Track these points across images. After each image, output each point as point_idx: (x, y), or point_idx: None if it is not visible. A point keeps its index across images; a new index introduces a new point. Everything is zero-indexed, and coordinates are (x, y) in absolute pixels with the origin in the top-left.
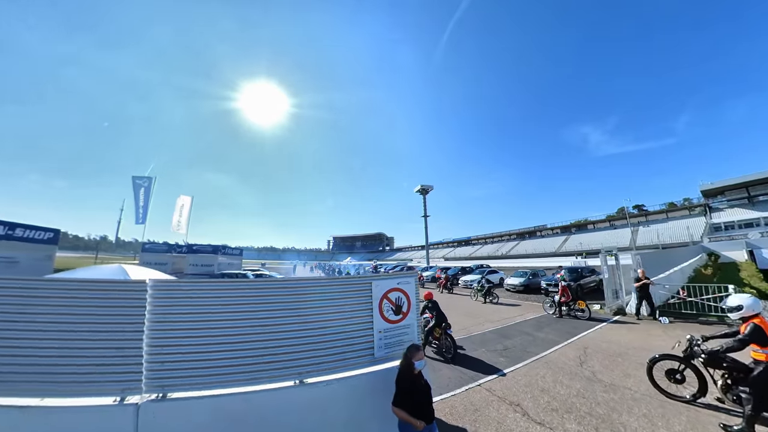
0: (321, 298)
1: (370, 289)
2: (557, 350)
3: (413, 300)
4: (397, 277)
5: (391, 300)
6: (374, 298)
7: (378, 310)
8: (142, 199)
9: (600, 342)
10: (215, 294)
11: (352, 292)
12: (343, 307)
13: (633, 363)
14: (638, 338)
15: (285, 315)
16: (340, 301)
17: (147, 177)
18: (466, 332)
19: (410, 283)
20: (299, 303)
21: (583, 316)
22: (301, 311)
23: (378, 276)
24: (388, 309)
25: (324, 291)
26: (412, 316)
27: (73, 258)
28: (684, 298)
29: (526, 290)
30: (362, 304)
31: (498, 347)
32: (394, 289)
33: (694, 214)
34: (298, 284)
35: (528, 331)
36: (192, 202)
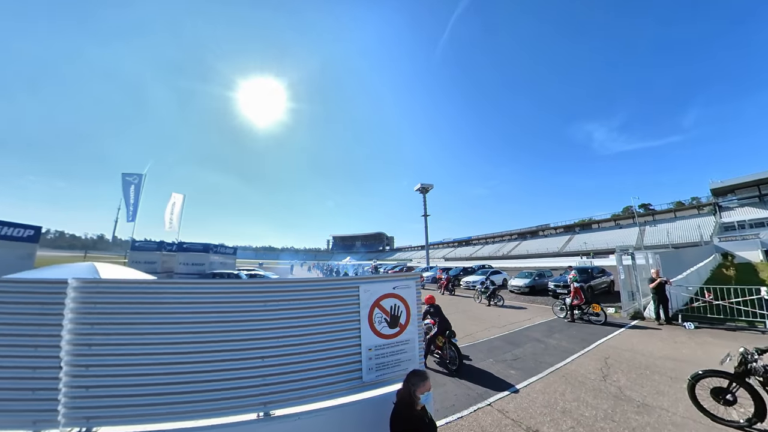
0: (293, 306)
1: (357, 295)
2: (574, 360)
3: (413, 308)
4: (392, 280)
5: (384, 309)
6: (362, 307)
7: (367, 322)
8: (132, 197)
9: (621, 351)
10: (158, 298)
11: (334, 298)
12: (321, 318)
13: (664, 377)
14: (663, 346)
15: (247, 328)
16: (317, 311)
17: (137, 174)
18: (471, 339)
19: (410, 287)
20: (266, 312)
21: (597, 320)
22: (268, 323)
23: (368, 278)
24: (381, 320)
25: (297, 297)
26: (412, 329)
27: (61, 256)
28: (710, 301)
29: (532, 292)
30: (346, 315)
31: (507, 357)
32: (388, 295)
33: (703, 213)
34: (264, 288)
35: (539, 338)
36: (184, 200)
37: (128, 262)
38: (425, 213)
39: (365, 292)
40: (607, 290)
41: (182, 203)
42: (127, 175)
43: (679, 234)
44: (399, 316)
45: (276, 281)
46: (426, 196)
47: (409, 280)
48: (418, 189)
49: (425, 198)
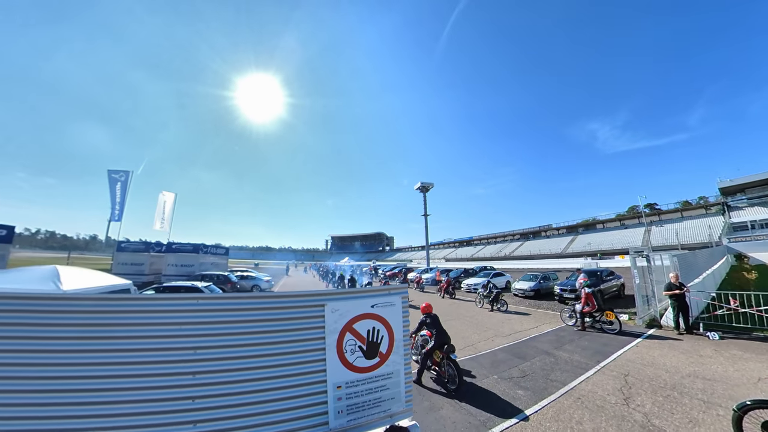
0: (233, 331)
1: (322, 316)
2: (590, 378)
3: (398, 333)
4: (370, 296)
5: (358, 334)
6: (329, 332)
7: (335, 352)
8: (118, 195)
9: (642, 366)
10: (27, 319)
11: (288, 321)
12: (269, 347)
13: (695, 400)
14: (688, 361)
15: (164, 359)
16: (265, 336)
17: (124, 171)
18: (473, 350)
19: (394, 305)
20: (192, 339)
21: (611, 329)
22: (195, 351)
23: (336, 294)
24: (354, 349)
25: (238, 319)
26: (397, 359)
27: (41, 258)
28: (736, 309)
29: (537, 296)
30: (306, 342)
31: (513, 373)
32: (365, 316)
33: (711, 213)
34: (190, 306)
35: (548, 350)
36: (176, 198)
37: (113, 264)
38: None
39: (333, 312)
40: (617, 294)
41: (173, 202)
42: (113, 172)
43: (687, 234)
44: (379, 342)
45: (213, 297)
46: (426, 195)
47: (393, 295)
48: (419, 188)
49: (425, 197)
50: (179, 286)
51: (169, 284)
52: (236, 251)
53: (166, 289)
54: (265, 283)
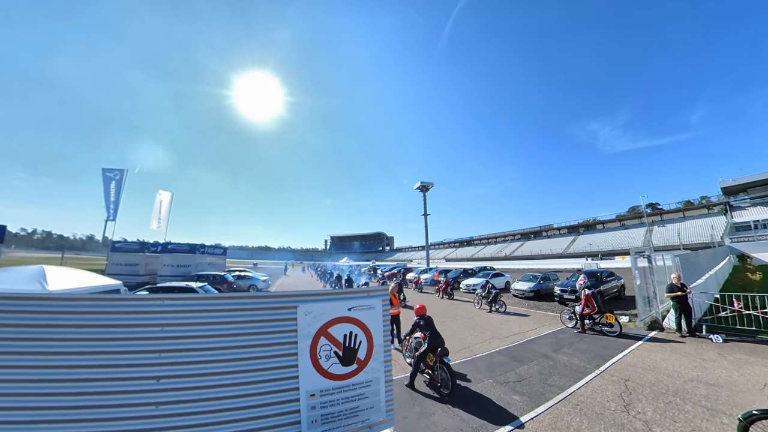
0: (197, 333)
1: (295, 319)
2: (589, 383)
3: (378, 337)
4: (347, 298)
5: (334, 339)
6: (301, 336)
7: (309, 357)
8: (113, 194)
9: (643, 371)
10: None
11: (257, 323)
12: (235, 351)
13: (698, 407)
14: (691, 365)
15: (126, 362)
16: (231, 340)
17: (118, 169)
18: (468, 353)
19: (373, 308)
20: (156, 341)
21: (611, 332)
22: (159, 355)
23: (310, 295)
24: (330, 355)
25: (203, 321)
26: (376, 366)
27: (36, 258)
28: (740, 311)
29: (537, 297)
30: (276, 346)
31: (510, 377)
32: (341, 319)
33: (714, 213)
34: (154, 307)
35: (546, 353)
36: (172, 198)
37: (108, 264)
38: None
39: (306, 314)
40: (618, 295)
41: (170, 201)
42: (108, 171)
43: (689, 234)
44: (356, 348)
45: (177, 298)
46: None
47: (372, 297)
48: (418, 187)
49: (425, 197)
50: (173, 286)
51: (163, 285)
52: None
53: (159, 289)
54: (261, 283)
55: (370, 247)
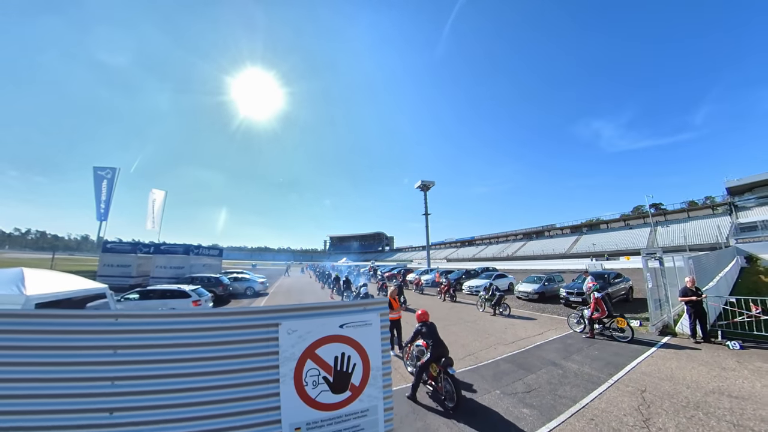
0: (157, 358)
1: (276, 339)
2: (603, 394)
3: (375, 358)
4: (339, 313)
5: (323, 362)
6: (284, 359)
7: (293, 384)
8: (104, 193)
9: (659, 380)
10: None
11: (230, 345)
12: (204, 379)
13: (722, 422)
14: (710, 375)
15: (74, 392)
16: (201, 365)
17: (110, 168)
18: (473, 360)
19: (369, 324)
20: (110, 367)
21: (623, 337)
22: (112, 383)
23: (295, 310)
24: (317, 381)
25: (163, 343)
26: (374, 392)
27: (26, 259)
28: (758, 316)
29: (542, 299)
30: (255, 371)
31: (518, 387)
32: (332, 338)
33: (718, 213)
34: (108, 326)
35: (555, 360)
36: (166, 197)
37: (99, 265)
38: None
39: (289, 333)
40: (626, 298)
41: (163, 200)
42: (99, 169)
43: (694, 235)
44: (350, 372)
45: (136, 315)
46: (427, 194)
47: (368, 312)
48: (419, 186)
49: (426, 196)
50: (164, 289)
51: (153, 287)
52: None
53: (150, 292)
54: (259, 285)
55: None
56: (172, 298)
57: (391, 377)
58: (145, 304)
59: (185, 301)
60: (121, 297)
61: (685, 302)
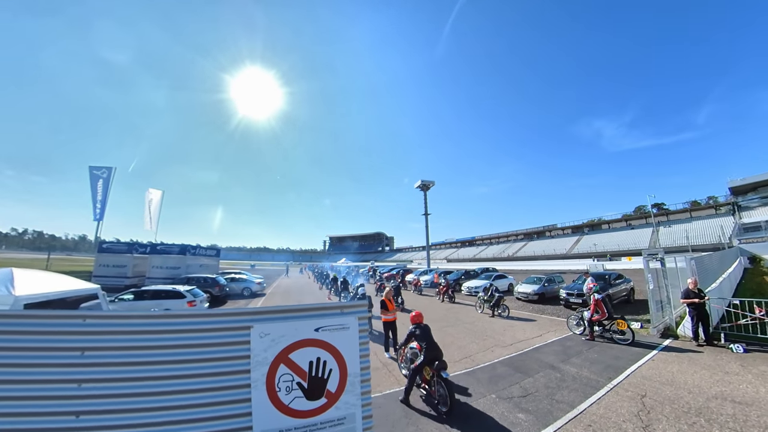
0: (124, 360)
1: (248, 343)
2: (602, 399)
3: (353, 364)
4: (314, 315)
5: (297, 366)
6: (255, 363)
7: (265, 389)
8: (100, 193)
9: (660, 385)
10: None
11: (198, 348)
12: (175, 383)
13: (726, 429)
14: (713, 379)
15: (40, 394)
16: (168, 368)
17: (106, 167)
18: (470, 362)
19: (347, 328)
20: (76, 369)
21: (623, 340)
22: (79, 386)
23: (268, 313)
24: (291, 387)
25: (131, 345)
26: (351, 399)
27: (21, 259)
28: (762, 318)
29: (541, 300)
30: (225, 376)
31: (514, 392)
32: (306, 342)
33: (721, 213)
34: (75, 327)
35: (553, 363)
36: (163, 196)
37: (95, 266)
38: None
39: (262, 337)
40: (627, 299)
41: (160, 200)
42: (95, 168)
43: (697, 235)
44: (326, 378)
45: (104, 316)
46: (427, 194)
47: (346, 315)
48: (419, 186)
49: (426, 196)
50: (158, 290)
51: (148, 288)
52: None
53: (144, 292)
54: (256, 285)
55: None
56: (166, 299)
57: (370, 384)
58: (140, 304)
59: (180, 301)
60: (115, 297)
61: (687, 304)
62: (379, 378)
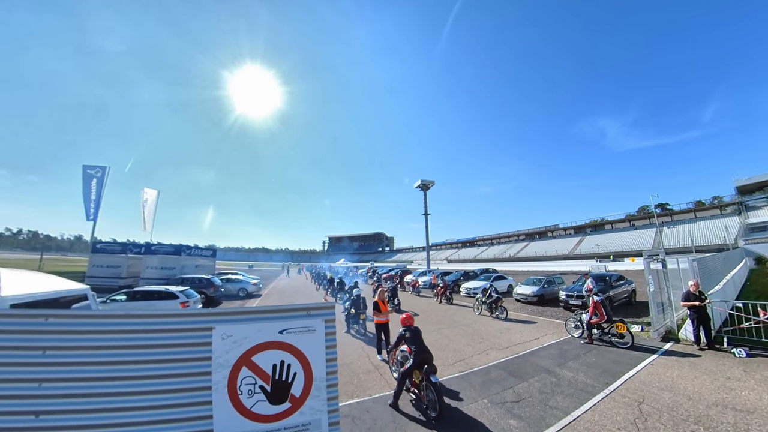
0: (84, 360)
1: (209, 344)
2: (597, 405)
3: (319, 367)
4: (279, 317)
5: (260, 369)
6: (217, 365)
7: (227, 392)
8: (93, 192)
9: (658, 391)
10: None
11: (159, 348)
12: (134, 383)
13: None
14: (713, 385)
15: None
16: (128, 369)
17: (100, 166)
18: (463, 366)
19: (314, 330)
20: (37, 368)
21: (622, 343)
22: (39, 385)
23: (230, 314)
24: (253, 390)
25: (91, 345)
26: (316, 405)
27: (14, 259)
28: (766, 322)
29: (541, 301)
30: (185, 378)
31: (507, 396)
32: (270, 344)
33: (726, 213)
34: (36, 325)
35: (549, 367)
36: (158, 196)
37: (89, 266)
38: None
39: (224, 339)
40: (628, 301)
41: (156, 200)
42: (89, 168)
43: (701, 236)
44: (290, 382)
45: (66, 315)
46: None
47: (312, 317)
48: (419, 186)
49: (426, 195)
50: (151, 290)
51: (141, 289)
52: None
53: (137, 293)
54: (252, 286)
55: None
56: (159, 300)
57: (337, 389)
58: (132, 305)
59: (173, 302)
60: (107, 298)
61: (688, 307)
62: (370, 381)
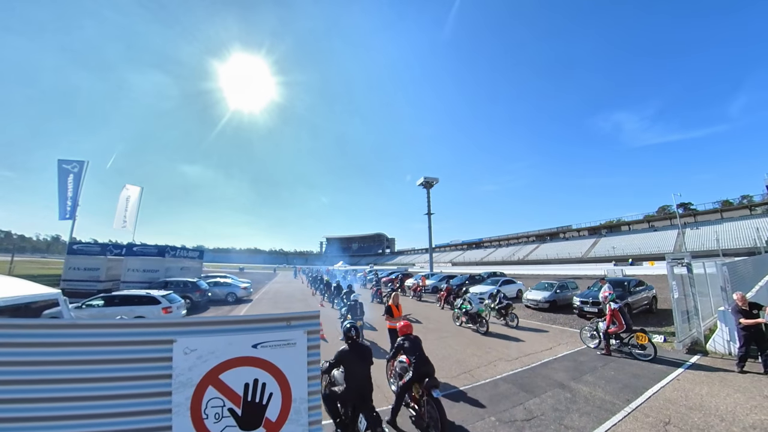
0: (28, 377)
1: (169, 359)
2: (617, 426)
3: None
4: (252, 328)
5: (229, 389)
6: (179, 383)
7: (189, 416)
8: (70, 189)
9: (686, 410)
10: None
11: (111, 364)
12: (80, 405)
13: None
14: (749, 404)
15: None
16: (74, 388)
17: (77, 161)
18: (468, 378)
19: (294, 344)
20: None
21: (643, 355)
22: None
23: (195, 324)
24: (220, 413)
25: (36, 359)
26: (295, 429)
27: None
28: None
29: (553, 308)
30: (141, 398)
31: (517, 414)
32: (241, 360)
33: (757, 214)
34: None
35: (563, 382)
36: (141, 193)
37: (64, 268)
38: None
39: (187, 353)
40: (648, 308)
41: (139, 197)
42: (65, 162)
43: (728, 238)
44: (265, 404)
45: (8, 325)
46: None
47: (292, 329)
48: (422, 183)
49: (429, 194)
50: (131, 295)
51: (120, 293)
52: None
53: (115, 298)
54: (241, 290)
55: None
56: (140, 305)
57: (320, 411)
58: (109, 311)
59: (154, 307)
60: (83, 303)
61: (743, 328)
62: None
